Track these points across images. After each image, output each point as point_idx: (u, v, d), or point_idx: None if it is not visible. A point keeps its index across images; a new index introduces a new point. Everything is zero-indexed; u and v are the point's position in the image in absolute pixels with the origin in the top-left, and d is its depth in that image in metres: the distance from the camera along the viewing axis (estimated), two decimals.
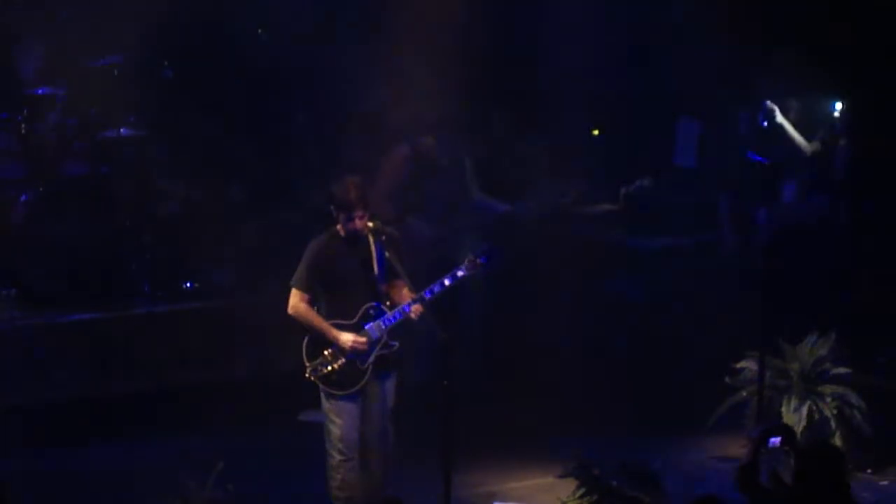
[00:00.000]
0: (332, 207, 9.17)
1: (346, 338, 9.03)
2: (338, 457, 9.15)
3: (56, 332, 11.64)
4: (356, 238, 9.11)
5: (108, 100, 12.54)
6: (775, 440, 7.70)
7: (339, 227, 9.15)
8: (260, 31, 13.68)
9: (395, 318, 9.09)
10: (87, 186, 12.41)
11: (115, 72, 12.54)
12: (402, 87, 13.49)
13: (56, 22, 12.82)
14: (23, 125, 12.23)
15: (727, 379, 10.98)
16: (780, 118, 12.82)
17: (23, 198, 12.21)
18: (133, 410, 11.44)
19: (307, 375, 9.10)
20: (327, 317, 9.12)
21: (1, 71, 12.65)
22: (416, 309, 8.99)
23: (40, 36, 12.80)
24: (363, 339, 9.04)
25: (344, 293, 9.12)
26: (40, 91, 12.48)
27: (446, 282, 9.06)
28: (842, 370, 10.82)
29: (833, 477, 7.24)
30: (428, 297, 9.01)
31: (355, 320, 9.08)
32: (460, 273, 9.10)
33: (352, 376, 9.08)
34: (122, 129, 12.52)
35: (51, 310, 11.80)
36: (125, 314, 11.90)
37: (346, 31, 13.55)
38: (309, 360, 9.10)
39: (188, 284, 12.36)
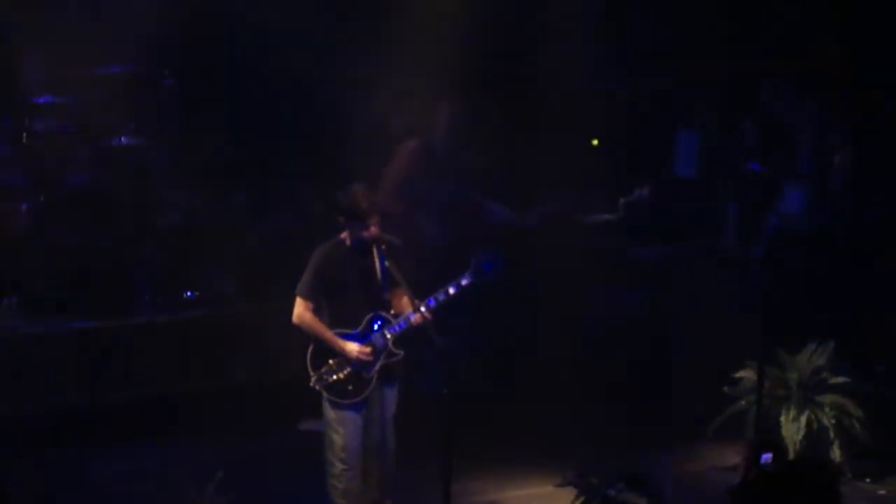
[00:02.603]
0: (341, 218, 9.16)
1: (352, 347, 9.04)
2: (340, 466, 9.14)
3: (57, 341, 11.63)
4: (360, 246, 9.12)
5: (109, 108, 12.55)
6: (767, 456, 7.66)
7: (343, 235, 9.15)
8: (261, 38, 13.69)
9: (399, 326, 9.09)
10: (89, 195, 12.40)
11: (117, 80, 12.56)
12: (404, 94, 13.55)
13: (57, 30, 12.80)
14: (24, 133, 12.23)
15: (726, 388, 11.00)
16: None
17: (24, 206, 12.21)
18: (133, 418, 11.43)
19: (312, 384, 9.09)
20: (331, 325, 9.11)
21: (2, 79, 12.67)
22: (419, 317, 8.97)
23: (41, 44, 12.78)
24: (369, 349, 9.05)
25: (348, 302, 9.12)
26: (41, 99, 12.47)
27: (450, 290, 9.04)
28: (840, 380, 10.83)
29: (822, 492, 7.11)
30: (432, 305, 9.01)
31: (360, 329, 9.10)
32: (464, 282, 9.08)
33: (357, 385, 9.08)
34: (123, 138, 12.53)
35: (52, 318, 11.80)
36: (126, 323, 11.90)
37: (349, 38, 13.56)
38: (314, 369, 9.09)
39: (189, 293, 12.36)
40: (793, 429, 10.61)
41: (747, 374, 10.93)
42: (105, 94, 12.57)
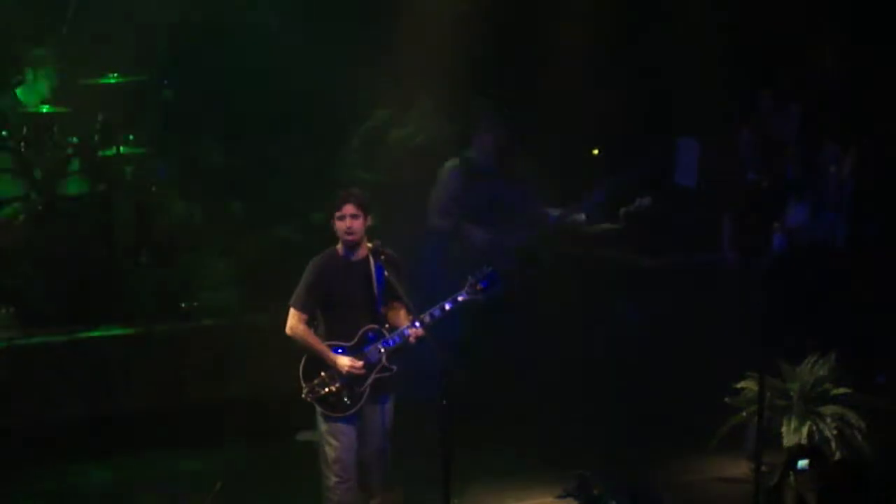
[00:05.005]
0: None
1: (344, 361, 8.97)
2: (333, 478, 9.09)
3: (54, 352, 11.60)
4: (356, 257, 9.06)
5: (107, 118, 12.53)
6: (804, 462, 7.59)
7: (339, 246, 9.11)
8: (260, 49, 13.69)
9: (394, 341, 9.01)
10: (86, 205, 12.38)
11: (115, 90, 12.54)
12: (403, 103, 13.53)
13: (56, 41, 12.80)
14: (22, 143, 12.20)
15: (727, 399, 10.96)
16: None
17: (22, 216, 12.19)
18: (132, 430, 11.41)
19: (304, 396, 9.05)
20: (326, 338, 9.06)
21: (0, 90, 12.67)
22: (414, 332, 8.92)
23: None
24: (361, 363, 8.97)
25: (343, 314, 9.05)
26: (40, 109, 12.44)
27: (447, 306, 8.96)
28: (842, 391, 10.79)
29: (859, 495, 6.98)
30: (428, 320, 8.96)
31: (354, 342, 9.03)
32: (461, 298, 9.00)
33: (349, 399, 9.01)
34: (121, 148, 12.50)
35: (49, 329, 11.76)
36: (124, 333, 11.87)
37: (346, 47, 13.56)
38: (306, 381, 9.04)
39: (187, 304, 12.32)
40: (794, 439, 10.56)
41: (748, 385, 10.88)
42: (104, 104, 12.54)
